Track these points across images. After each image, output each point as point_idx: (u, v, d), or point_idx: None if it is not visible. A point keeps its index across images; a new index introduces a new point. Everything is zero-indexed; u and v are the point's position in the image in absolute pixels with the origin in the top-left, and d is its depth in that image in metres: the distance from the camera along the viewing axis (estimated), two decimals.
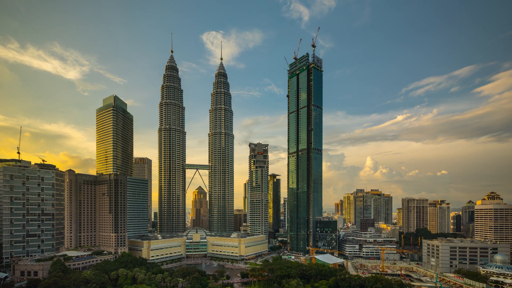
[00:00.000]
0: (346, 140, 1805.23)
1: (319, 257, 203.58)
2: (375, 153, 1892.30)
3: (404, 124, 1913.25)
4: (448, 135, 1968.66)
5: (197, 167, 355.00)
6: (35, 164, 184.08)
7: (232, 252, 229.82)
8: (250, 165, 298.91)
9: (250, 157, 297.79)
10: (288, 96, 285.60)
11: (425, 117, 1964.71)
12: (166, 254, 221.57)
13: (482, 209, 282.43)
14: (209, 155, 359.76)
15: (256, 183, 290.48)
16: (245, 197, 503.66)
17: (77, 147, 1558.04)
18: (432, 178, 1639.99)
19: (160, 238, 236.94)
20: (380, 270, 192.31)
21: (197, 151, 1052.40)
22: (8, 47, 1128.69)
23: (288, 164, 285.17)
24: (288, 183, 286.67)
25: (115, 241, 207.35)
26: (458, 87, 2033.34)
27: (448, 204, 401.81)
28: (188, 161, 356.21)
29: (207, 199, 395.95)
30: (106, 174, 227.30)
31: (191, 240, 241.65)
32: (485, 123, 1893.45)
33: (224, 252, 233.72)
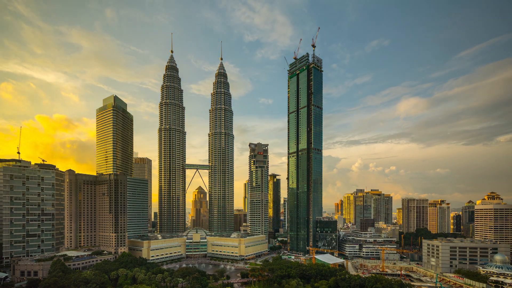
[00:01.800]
0: (330, 144, 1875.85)
1: (319, 257, 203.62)
2: (364, 154, 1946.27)
3: (388, 130, 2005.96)
4: (434, 138, 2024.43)
5: (197, 167, 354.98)
6: (35, 164, 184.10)
7: (232, 252, 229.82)
8: (250, 165, 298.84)
9: (250, 157, 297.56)
10: (288, 96, 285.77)
11: (406, 123, 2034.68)
12: (166, 254, 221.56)
13: (482, 209, 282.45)
14: (209, 155, 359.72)
15: (256, 183, 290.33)
16: (245, 197, 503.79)
17: None
18: (428, 178, 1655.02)
19: (160, 238, 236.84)
20: (380, 270, 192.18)
21: (197, 151, 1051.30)
22: (10, 61, 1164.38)
23: (288, 164, 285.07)
24: (288, 183, 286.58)
25: (115, 241, 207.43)
26: (435, 95, 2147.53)
27: (448, 204, 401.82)
28: (188, 161, 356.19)
29: (207, 199, 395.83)
30: (106, 174, 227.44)
31: (191, 240, 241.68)
32: (461, 128, 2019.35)
33: (224, 252, 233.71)
